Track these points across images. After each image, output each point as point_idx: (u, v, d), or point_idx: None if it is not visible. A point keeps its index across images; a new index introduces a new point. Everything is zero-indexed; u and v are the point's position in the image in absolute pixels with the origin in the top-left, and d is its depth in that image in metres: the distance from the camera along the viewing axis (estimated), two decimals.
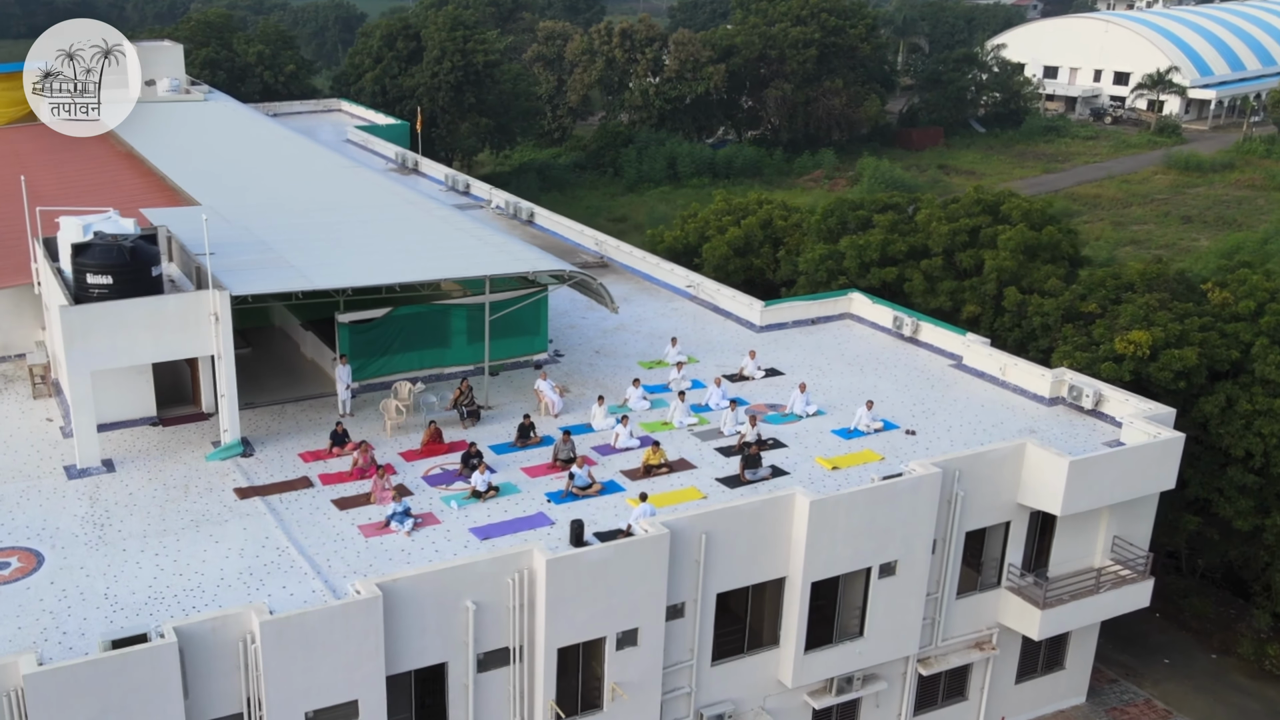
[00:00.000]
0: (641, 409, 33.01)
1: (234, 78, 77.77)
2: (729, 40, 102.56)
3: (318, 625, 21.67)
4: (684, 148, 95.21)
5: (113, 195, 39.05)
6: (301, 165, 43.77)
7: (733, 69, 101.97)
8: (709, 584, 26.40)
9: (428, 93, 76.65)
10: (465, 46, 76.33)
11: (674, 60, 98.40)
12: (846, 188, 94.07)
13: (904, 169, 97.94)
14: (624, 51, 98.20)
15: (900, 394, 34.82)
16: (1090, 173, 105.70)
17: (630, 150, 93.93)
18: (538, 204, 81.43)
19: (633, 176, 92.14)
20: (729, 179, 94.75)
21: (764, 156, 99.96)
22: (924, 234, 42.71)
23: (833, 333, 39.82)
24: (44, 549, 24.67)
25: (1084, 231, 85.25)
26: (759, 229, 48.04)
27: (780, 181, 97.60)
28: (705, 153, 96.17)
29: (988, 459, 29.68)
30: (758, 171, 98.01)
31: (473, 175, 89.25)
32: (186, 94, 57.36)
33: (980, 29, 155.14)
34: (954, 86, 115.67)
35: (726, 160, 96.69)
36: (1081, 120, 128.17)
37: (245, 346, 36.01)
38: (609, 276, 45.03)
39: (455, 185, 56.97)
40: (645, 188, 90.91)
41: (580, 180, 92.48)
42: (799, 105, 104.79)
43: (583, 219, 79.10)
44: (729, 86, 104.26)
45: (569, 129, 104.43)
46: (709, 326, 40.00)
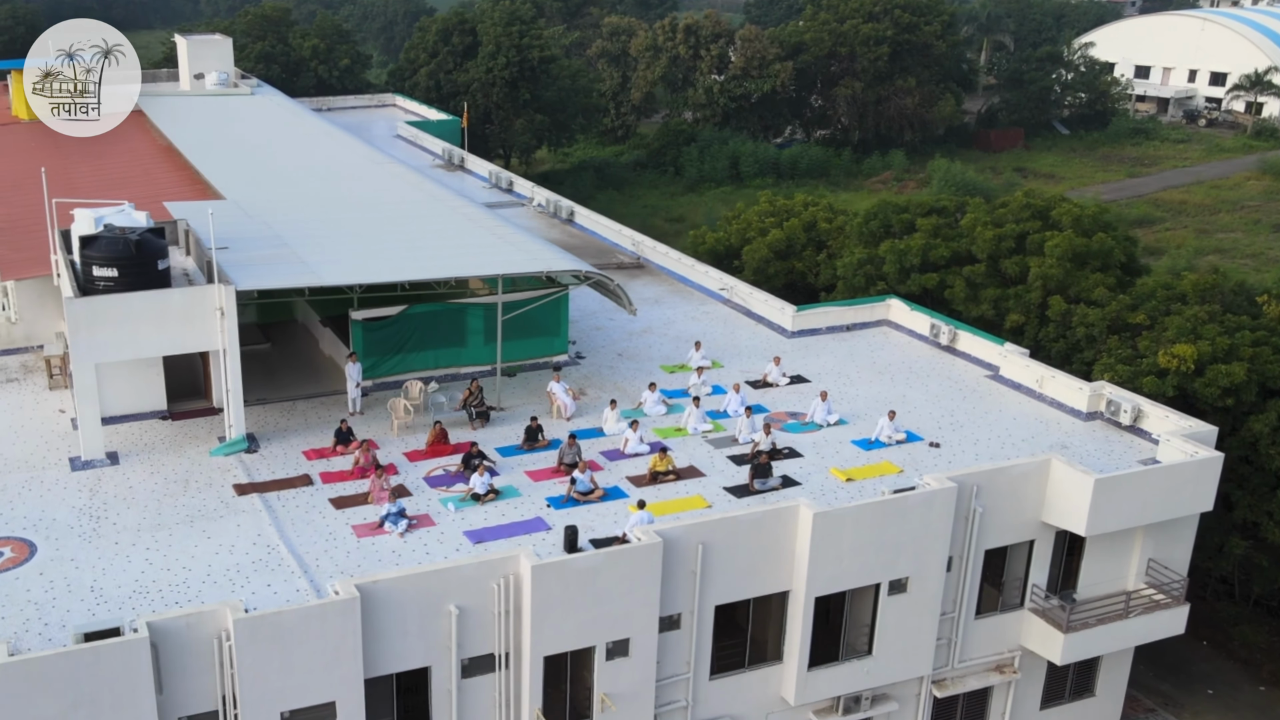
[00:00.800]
0: (657, 414, 32.98)
1: (289, 72, 79.11)
2: (797, 37, 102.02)
3: (293, 625, 21.98)
4: (747, 147, 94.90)
5: (144, 188, 40.03)
6: (335, 160, 44.45)
7: (801, 66, 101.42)
8: (706, 595, 26.28)
9: (482, 88, 77.36)
10: (521, 42, 76.89)
11: (739, 57, 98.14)
12: (915, 190, 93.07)
13: (977, 172, 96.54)
14: (688, 48, 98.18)
15: (930, 405, 34.36)
16: (1178, 177, 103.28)
17: (692, 149, 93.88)
18: (593, 203, 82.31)
19: (693, 176, 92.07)
20: (793, 180, 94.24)
21: (831, 157, 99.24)
22: (968, 239, 42.10)
23: (867, 340, 39.41)
24: (38, 540, 25.37)
25: (1165, 239, 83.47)
26: (802, 232, 47.73)
27: (847, 183, 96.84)
28: (769, 152, 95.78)
29: (1009, 475, 29.16)
30: (824, 172, 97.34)
31: (530, 172, 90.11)
32: (234, 87, 58.59)
33: (1070, 26, 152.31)
34: (1036, 86, 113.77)
35: (791, 160, 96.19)
36: (1173, 123, 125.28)
37: (265, 342, 36.78)
38: (643, 278, 45.11)
39: (499, 182, 57.41)
40: (706, 188, 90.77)
41: (639, 179, 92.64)
42: (869, 104, 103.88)
43: (639, 219, 79.57)
44: (797, 85, 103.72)
45: (632, 127, 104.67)
46: (739, 331, 39.84)
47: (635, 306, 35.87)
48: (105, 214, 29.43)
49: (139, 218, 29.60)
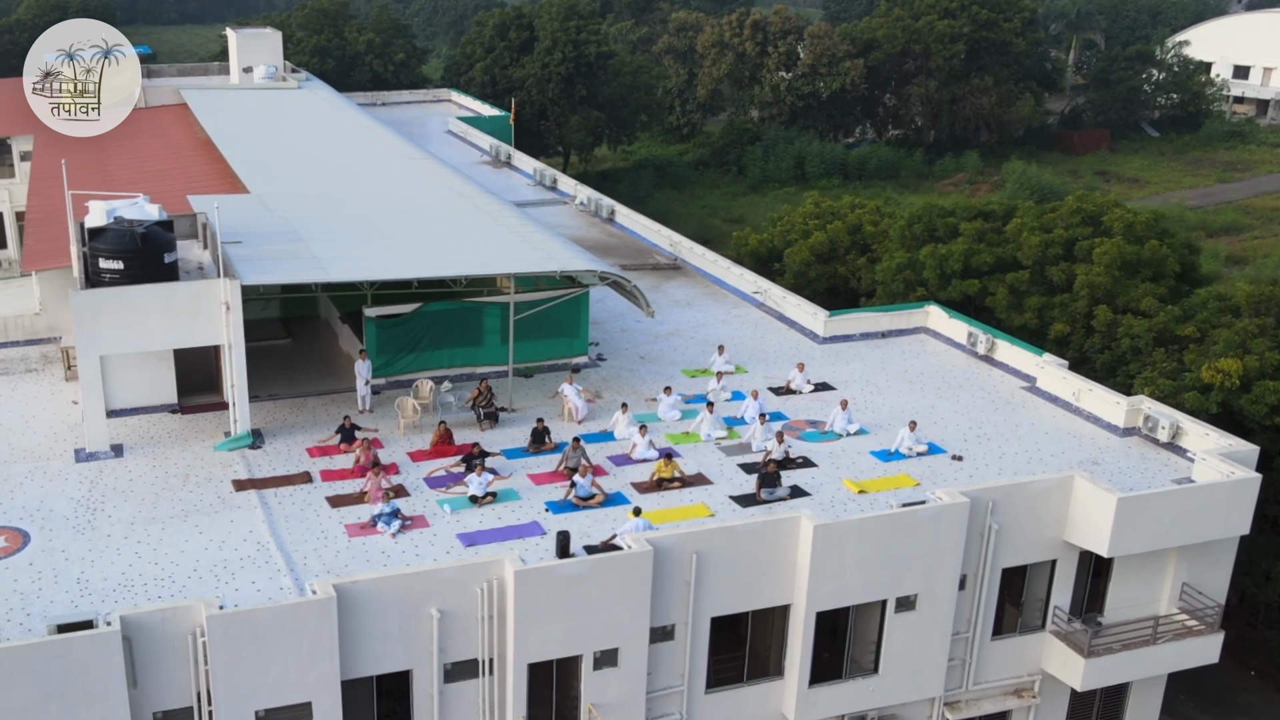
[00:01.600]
0: (671, 419, 32.89)
1: (344, 66, 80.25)
2: (869, 34, 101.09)
3: (268, 623, 22.29)
4: (814, 147, 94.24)
5: (176, 181, 40.95)
6: (369, 156, 45.03)
7: (873, 64, 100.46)
8: (701, 607, 26.14)
9: (537, 84, 77.83)
10: (577, 37, 77.20)
11: (808, 54, 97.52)
12: (988, 193, 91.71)
13: (1056, 175, 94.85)
14: (755, 44, 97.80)
15: (959, 416, 33.85)
16: (1273, 183, 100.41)
17: (756, 148, 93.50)
18: (651, 202, 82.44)
19: (756, 176, 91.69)
20: (861, 181, 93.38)
21: (902, 158, 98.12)
22: (1014, 245, 41.37)
23: (902, 348, 38.92)
24: (33, 530, 26.05)
25: (1252, 248, 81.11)
26: (846, 235, 47.29)
27: (918, 185, 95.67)
28: (836, 153, 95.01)
29: (1028, 491, 28.61)
30: (893, 174, 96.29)
31: (590, 170, 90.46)
32: (282, 81, 59.64)
33: (1165, 24, 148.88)
34: (1124, 86, 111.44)
35: (859, 161, 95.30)
36: (1273, 125, 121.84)
37: (286, 337, 37.38)
38: (678, 280, 45.06)
39: (543, 180, 57.72)
40: (769, 188, 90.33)
41: (701, 179, 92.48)
42: (944, 104, 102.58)
43: (697, 219, 79.47)
44: (869, 83, 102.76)
45: (698, 125, 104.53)
46: (769, 336, 39.59)
47: (653, 309, 35.76)
48: (117, 206, 30.09)
49: (151, 210, 30.22)
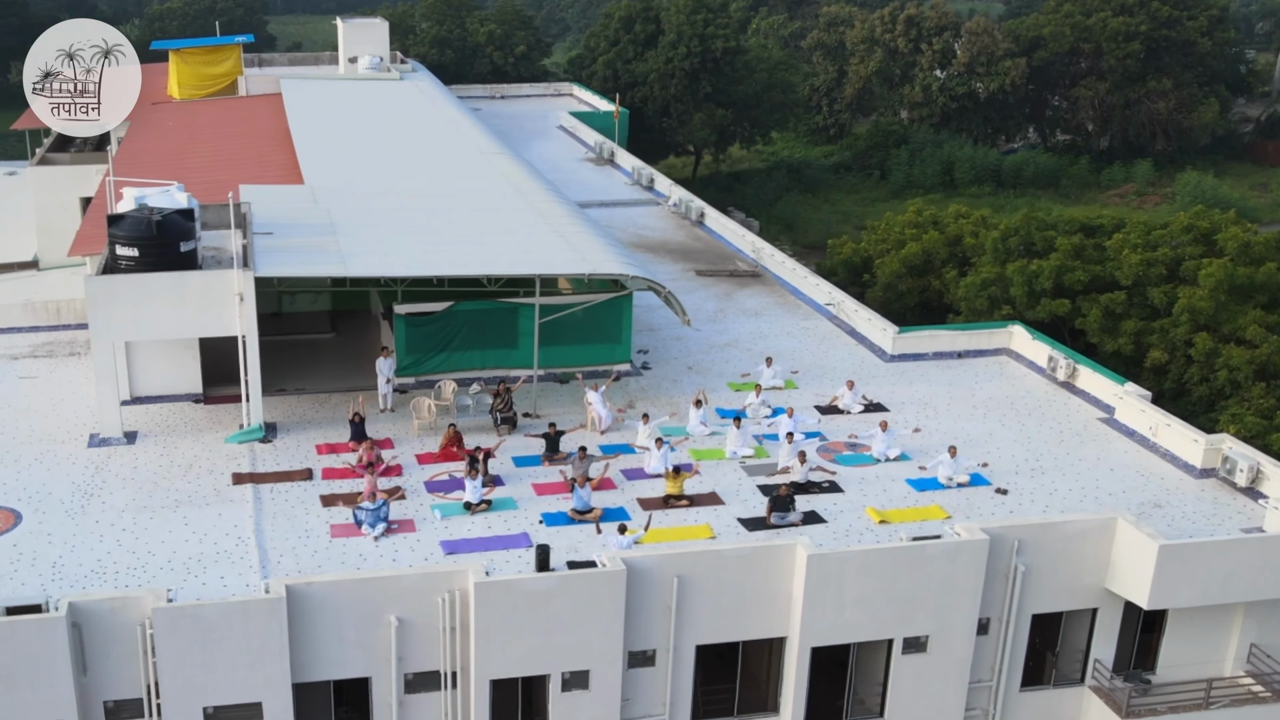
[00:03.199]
0: (700, 433, 32.57)
1: (463, 57, 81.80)
2: (1035, 31, 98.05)
3: (215, 619, 22.94)
4: (964, 151, 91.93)
5: (246, 170, 42.44)
6: (442, 150, 45.85)
7: (1037, 64, 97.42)
8: (685, 633, 25.79)
9: (659, 79, 77.93)
10: (705, 31, 77.00)
11: (965, 52, 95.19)
12: (1158, 206, 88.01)
13: (1237, 188, 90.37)
14: (908, 41, 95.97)
15: (1019, 446, 32.59)
16: None
17: (901, 151, 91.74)
18: (779, 205, 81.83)
19: (900, 181, 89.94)
20: (1015, 189, 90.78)
21: (1064, 166, 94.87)
22: (1113, 263, 39.57)
23: (977, 370, 37.66)
24: (26, 511, 27.42)
25: None
26: (944, 246, 46.01)
27: (1081, 195, 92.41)
28: (989, 158, 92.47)
29: (1061, 531, 27.36)
30: (1053, 182, 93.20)
31: (721, 170, 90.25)
32: (386, 71, 61.31)
33: None
34: None
35: (1014, 168, 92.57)
36: None
37: (330, 331, 38.41)
38: (754, 287, 44.60)
39: (640, 179, 57.89)
40: (912, 194, 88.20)
41: (839, 182, 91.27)
42: (1116, 108, 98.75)
43: (825, 225, 78.50)
44: (1034, 85, 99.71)
45: (846, 125, 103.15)
46: (834, 351, 38.82)
47: (689, 317, 35.47)
48: (147, 194, 31.43)
49: (180, 199, 31.45)
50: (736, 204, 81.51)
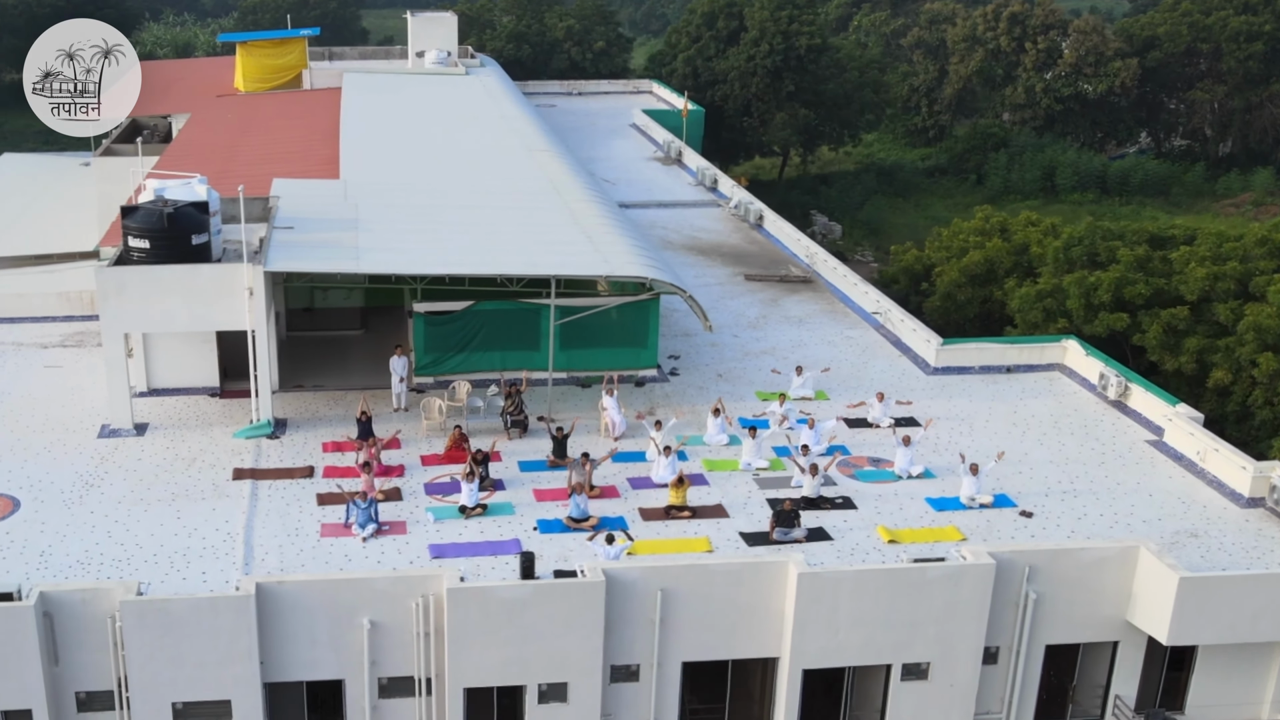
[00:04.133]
0: (717, 443, 32.34)
1: (541, 52, 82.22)
2: (1149, 30, 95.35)
3: (183, 615, 23.41)
4: (1067, 156, 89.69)
5: (291, 164, 43.21)
6: (489, 146, 46.24)
7: (1150, 65, 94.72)
8: (670, 649, 25.64)
9: (740, 77, 77.42)
10: (788, 28, 76.34)
11: (1071, 52, 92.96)
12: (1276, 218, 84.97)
13: None
14: (1011, 39, 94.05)
15: (1055, 467, 31.75)
16: None
17: (1000, 155, 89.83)
18: (866, 209, 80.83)
19: (997, 186, 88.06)
20: (1121, 197, 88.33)
21: (1176, 173, 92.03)
22: (1179, 276, 38.31)
23: (1025, 386, 36.76)
24: (26, 499, 28.28)
25: None
26: (1008, 255, 45.00)
27: (1193, 204, 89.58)
28: (1094, 164, 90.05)
29: (1077, 559, 26.63)
30: (1163, 190, 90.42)
31: (807, 172, 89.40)
32: (453, 66, 61.99)
33: None
34: None
35: (1121, 174, 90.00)
36: None
37: (360, 328, 38.96)
38: (804, 293, 44.13)
39: (703, 180, 57.70)
40: (1009, 200, 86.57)
41: (932, 186, 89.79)
42: (1236, 112, 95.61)
43: (909, 231, 77.22)
44: (1148, 86, 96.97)
45: (946, 128, 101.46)
46: (875, 362, 38.21)
47: (711, 323, 35.18)
48: (167, 186, 32.20)
49: (199, 191, 32.15)
50: (820, 207, 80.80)
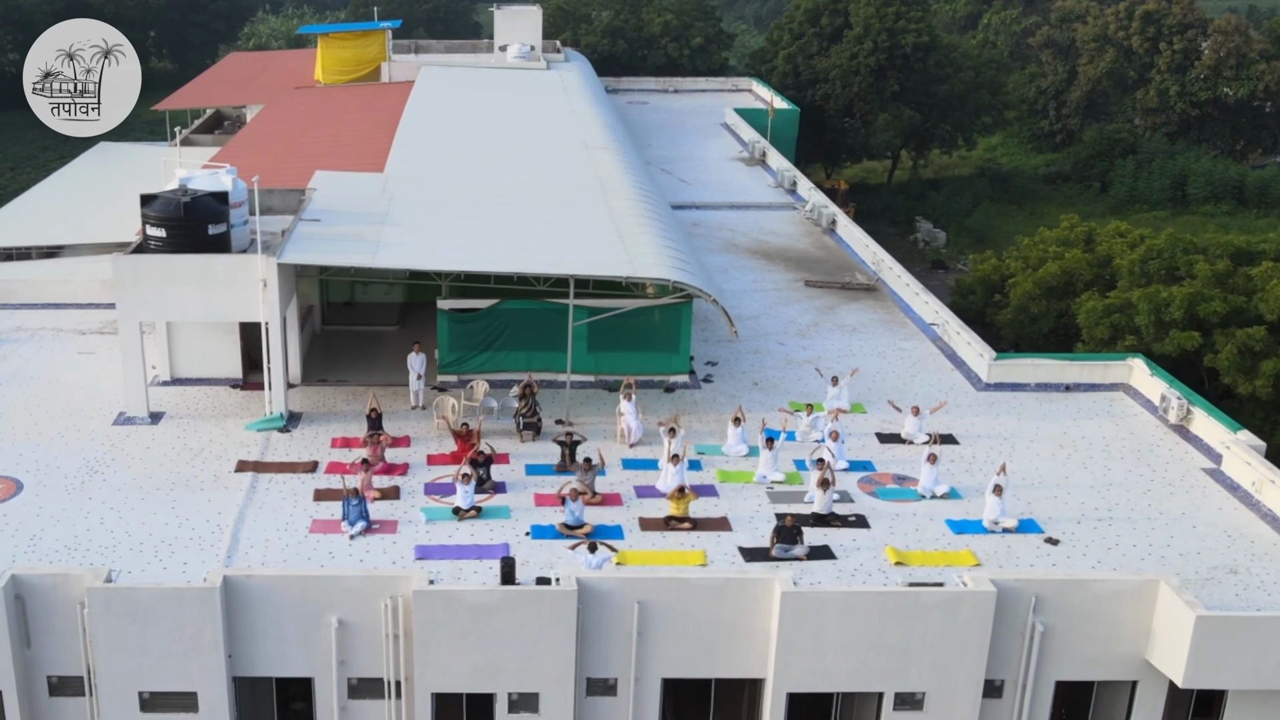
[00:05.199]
0: (736, 453, 32.07)
1: (636, 48, 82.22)
2: None
3: (149, 604, 24.04)
4: (1201, 164, 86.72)
5: (349, 156, 44.03)
6: (548, 143, 46.55)
7: None
8: (648, 664, 25.48)
9: (842, 76, 76.44)
10: (894, 25, 75.13)
11: (1211, 53, 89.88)
12: None
13: None
14: (1144, 40, 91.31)
15: (1095, 494, 30.76)
16: None
17: (1127, 162, 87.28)
18: (976, 215, 79.28)
19: (1121, 195, 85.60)
20: (1260, 209, 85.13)
21: None
22: (1260, 294, 36.79)
23: (1082, 406, 35.68)
24: (29, 483, 29.36)
25: None
26: (1087, 267, 43.70)
27: None
28: (1230, 173, 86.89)
29: (1091, 590, 25.75)
30: None
31: (919, 175, 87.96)
32: (535, 60, 62.57)
33: None
34: None
35: (1260, 185, 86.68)
36: None
37: (395, 324, 39.55)
38: (865, 301, 43.51)
39: (783, 182, 57.24)
40: (1134, 210, 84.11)
41: (1051, 194, 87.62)
42: None
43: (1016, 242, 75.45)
44: None
45: (1075, 132, 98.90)
46: (924, 375, 37.46)
47: (736, 329, 34.84)
48: (195, 176, 33.15)
49: (225, 182, 33.00)
50: (926, 213, 79.52)
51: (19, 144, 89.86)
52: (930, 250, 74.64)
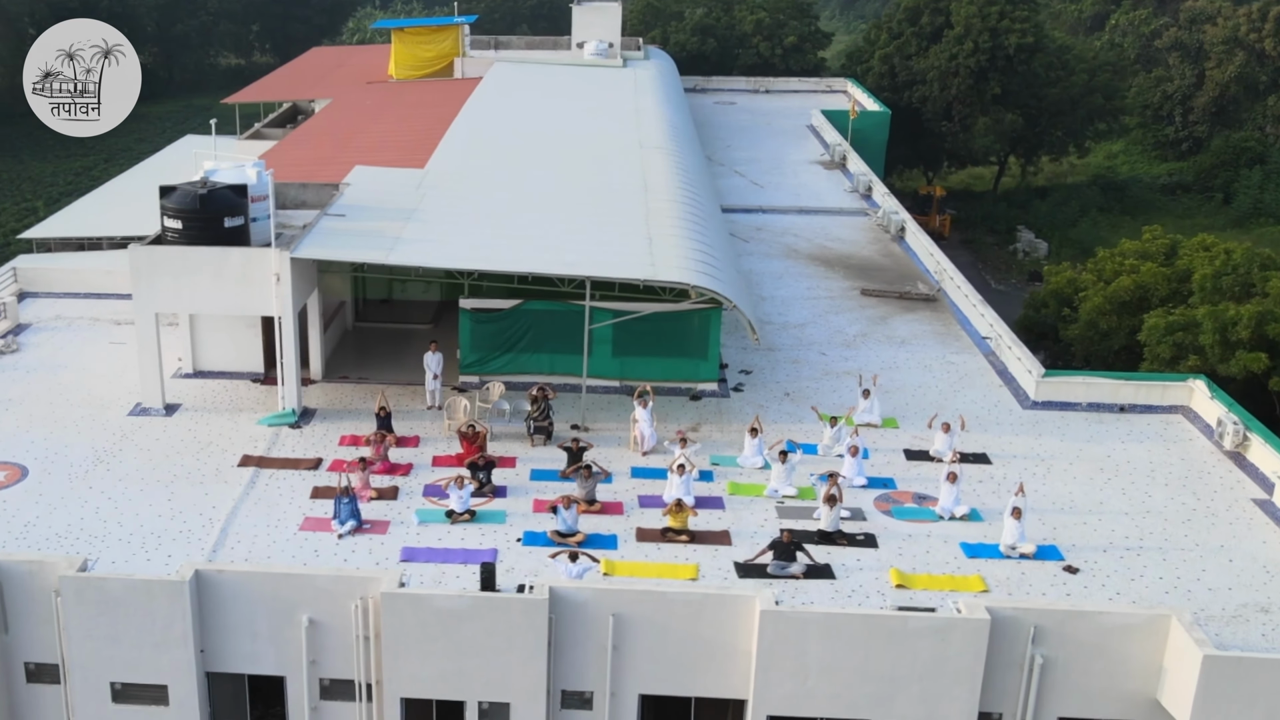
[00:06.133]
0: (752, 465, 31.79)
1: (727, 46, 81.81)
2: None
3: (120, 595, 24.62)
4: None
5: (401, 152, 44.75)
6: (604, 142, 46.62)
7: None
8: (624, 679, 25.34)
9: (940, 78, 75.08)
10: (997, 24, 73.56)
11: None
12: None
13: None
14: (1277, 43, 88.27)
15: (1128, 520, 29.87)
16: None
17: (1253, 173, 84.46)
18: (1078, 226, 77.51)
19: (1245, 207, 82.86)
20: None
21: None
22: None
23: (1135, 428, 34.63)
24: (35, 470, 30.36)
25: None
26: (1164, 282, 42.40)
27: None
28: None
29: (1095, 623, 24.91)
30: None
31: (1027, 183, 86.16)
32: (612, 57, 62.75)
33: None
34: None
35: None
36: None
37: (431, 322, 40.00)
38: (921, 312, 42.82)
39: (858, 187, 56.56)
40: (1258, 224, 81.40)
41: (1170, 205, 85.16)
42: None
43: None
44: None
45: (1203, 140, 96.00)
46: (969, 392, 36.69)
47: (758, 335, 34.44)
48: (218, 168, 33.95)
49: (250, 174, 33.73)
50: (1029, 222, 77.94)
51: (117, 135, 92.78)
52: (1029, 261, 73.09)
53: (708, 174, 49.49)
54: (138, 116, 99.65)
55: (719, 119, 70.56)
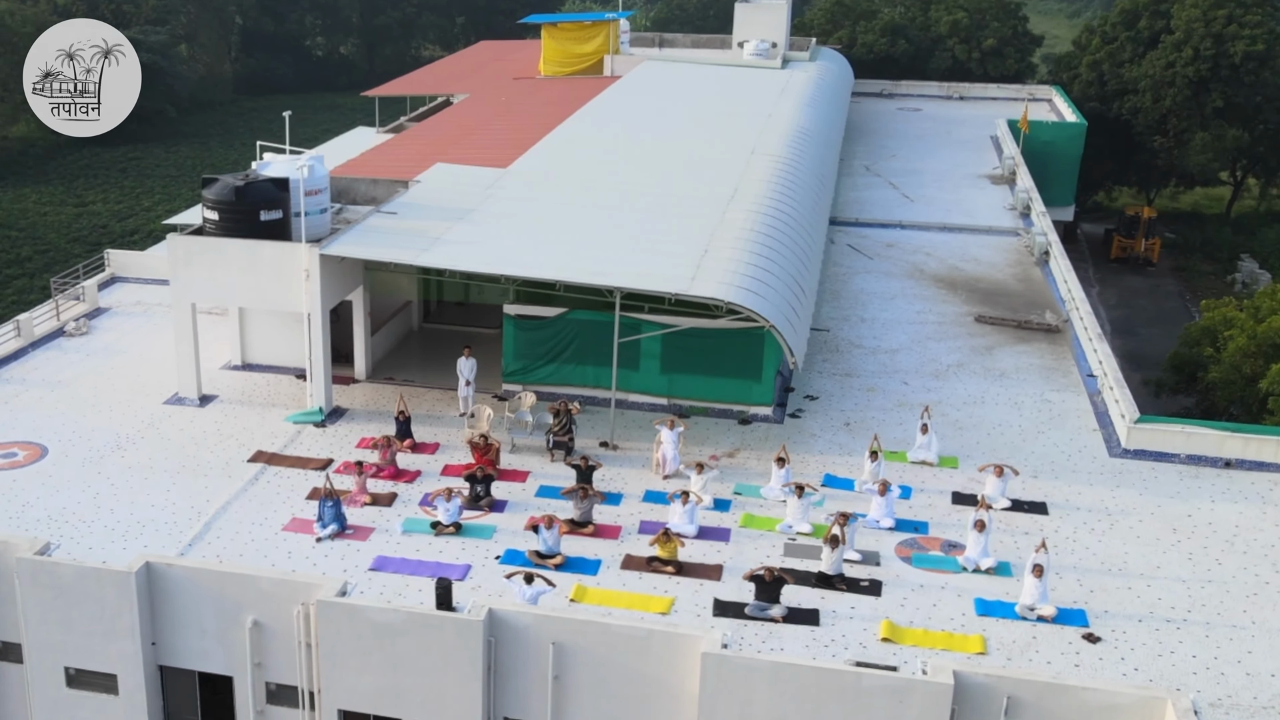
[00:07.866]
0: (775, 498, 31.22)
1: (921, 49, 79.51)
2: None
3: (72, 581, 25.98)
4: None
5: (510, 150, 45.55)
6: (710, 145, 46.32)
7: None
8: (568, 711, 25.31)
9: (1153, 88, 71.21)
10: (1223, 30, 69.27)
11: None
12: None
13: None
14: None
15: (1179, 589, 28.11)
16: None
17: None
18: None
19: None
20: None
21: None
22: None
23: (1233, 486, 32.56)
24: (55, 451, 32.31)
25: None
26: None
27: None
28: None
29: (1079, 699, 23.51)
30: None
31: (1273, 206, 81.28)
32: (772, 58, 62.28)
33: None
34: None
35: None
36: None
37: (498, 327, 40.67)
38: (1039, 344, 41.24)
39: (1016, 205, 54.60)
40: None
41: None
42: None
43: None
44: None
45: None
46: (1052, 433, 35.11)
47: (797, 359, 33.59)
48: (272, 161, 35.38)
49: (303, 169, 35.00)
50: (1255, 250, 73.72)
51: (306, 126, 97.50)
52: (1245, 294, 69.10)
53: (825, 184, 48.63)
54: (331, 107, 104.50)
55: (897, 126, 69.24)
